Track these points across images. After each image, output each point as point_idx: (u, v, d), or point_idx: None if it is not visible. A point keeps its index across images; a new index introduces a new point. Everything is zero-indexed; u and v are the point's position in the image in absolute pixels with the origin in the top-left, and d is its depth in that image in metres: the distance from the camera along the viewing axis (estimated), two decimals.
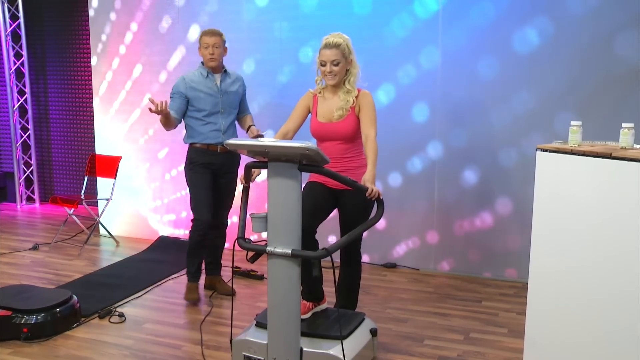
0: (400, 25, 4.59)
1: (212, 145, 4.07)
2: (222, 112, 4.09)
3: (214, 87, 4.07)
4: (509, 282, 4.49)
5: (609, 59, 4.10)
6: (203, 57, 4.06)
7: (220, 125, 4.08)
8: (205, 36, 4.03)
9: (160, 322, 3.82)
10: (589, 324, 2.49)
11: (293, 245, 2.68)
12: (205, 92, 4.04)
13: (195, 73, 4.11)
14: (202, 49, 4.05)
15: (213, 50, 4.00)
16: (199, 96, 4.04)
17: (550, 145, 2.64)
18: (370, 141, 3.09)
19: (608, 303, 2.41)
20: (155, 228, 5.73)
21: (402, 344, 3.50)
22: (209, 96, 4.05)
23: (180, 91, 4.05)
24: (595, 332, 2.47)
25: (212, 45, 4.00)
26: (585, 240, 2.47)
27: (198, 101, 4.04)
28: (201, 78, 4.07)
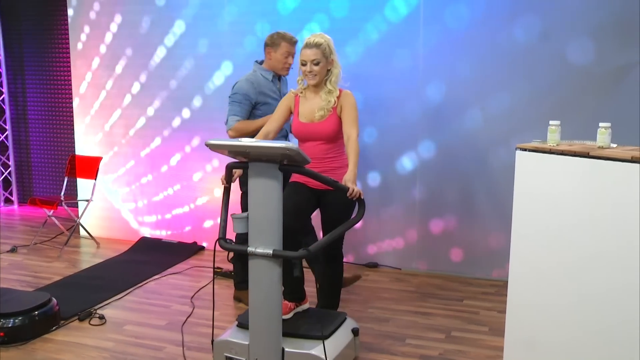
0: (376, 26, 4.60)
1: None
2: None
3: (277, 91, 3.93)
4: (490, 281, 4.52)
5: (587, 59, 4.15)
6: (277, 63, 3.88)
7: (285, 131, 3.92)
8: (289, 44, 3.85)
9: (142, 323, 3.79)
10: (568, 321, 2.51)
11: (274, 245, 2.67)
12: (272, 96, 3.88)
13: (257, 75, 3.90)
14: (279, 53, 3.85)
15: (292, 61, 3.88)
16: (267, 101, 3.85)
17: (530, 145, 2.66)
18: (352, 141, 3.10)
19: (587, 301, 2.43)
20: (136, 229, 5.69)
21: (384, 343, 3.51)
22: (275, 101, 3.83)
23: (249, 96, 3.82)
24: (574, 330, 2.49)
25: (292, 55, 3.87)
26: (564, 238, 2.50)
27: (266, 107, 3.83)
28: (266, 81, 3.89)
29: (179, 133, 5.38)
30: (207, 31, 5.12)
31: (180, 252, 5.25)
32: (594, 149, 2.45)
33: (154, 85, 5.40)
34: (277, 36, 3.85)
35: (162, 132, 5.45)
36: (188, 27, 5.18)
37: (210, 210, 5.36)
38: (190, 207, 5.46)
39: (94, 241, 5.62)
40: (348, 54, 4.62)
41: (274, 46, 3.86)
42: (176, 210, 5.52)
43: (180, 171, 5.44)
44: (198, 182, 5.39)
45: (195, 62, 5.21)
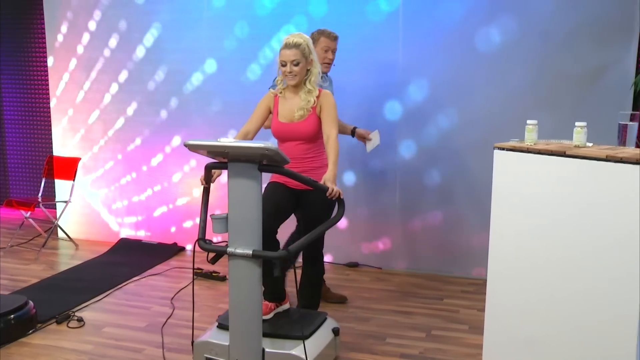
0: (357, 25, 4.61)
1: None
2: None
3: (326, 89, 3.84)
4: (470, 280, 4.55)
5: (564, 59, 4.20)
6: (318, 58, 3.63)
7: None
8: (328, 39, 3.78)
9: (121, 325, 3.76)
10: (546, 319, 2.54)
11: (254, 245, 2.67)
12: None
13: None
14: (319, 49, 3.75)
15: (332, 56, 3.79)
16: None
17: (507, 144, 2.68)
18: (332, 141, 3.10)
19: (565, 298, 2.46)
20: (115, 230, 5.64)
21: (364, 342, 3.52)
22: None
23: None
24: (552, 327, 2.52)
25: (332, 50, 3.79)
26: (542, 236, 2.52)
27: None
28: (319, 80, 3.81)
29: (158, 133, 5.35)
30: (186, 31, 5.10)
31: (161, 253, 5.22)
32: (571, 148, 2.48)
33: (133, 85, 5.36)
34: (317, 33, 3.80)
35: (141, 133, 5.41)
36: (167, 27, 5.15)
37: (190, 210, 5.33)
38: (170, 207, 5.43)
39: (73, 243, 5.56)
40: None
41: (314, 42, 3.74)
42: (156, 211, 5.48)
43: (159, 172, 5.41)
44: (178, 183, 5.36)
45: (175, 62, 5.18)
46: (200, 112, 5.16)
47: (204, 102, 5.14)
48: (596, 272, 2.34)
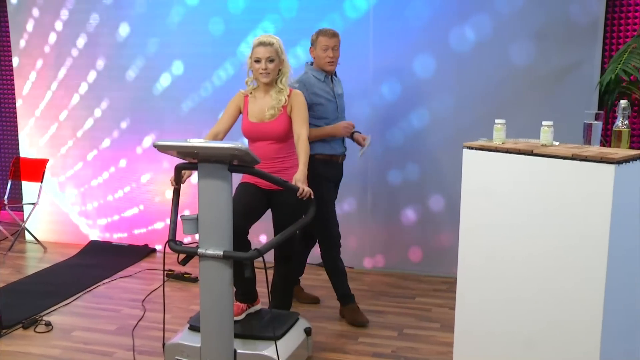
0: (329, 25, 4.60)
1: (335, 156, 3.76)
2: (339, 118, 3.75)
3: (330, 91, 3.71)
4: (442, 278, 4.58)
5: (532, 60, 4.26)
6: (318, 59, 3.67)
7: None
8: (325, 37, 3.64)
9: (90, 329, 3.71)
10: (515, 316, 2.57)
11: (225, 246, 2.65)
12: (325, 97, 3.67)
13: (309, 76, 3.67)
14: (318, 49, 3.65)
15: (333, 54, 3.65)
16: (320, 102, 3.64)
17: (476, 143, 2.71)
18: (302, 141, 3.10)
19: (533, 295, 2.49)
20: (85, 232, 5.56)
21: (337, 342, 3.53)
22: (329, 102, 3.68)
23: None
24: (520, 325, 2.55)
25: (332, 48, 3.64)
26: (510, 234, 2.55)
27: (320, 108, 3.64)
28: (318, 82, 3.67)
29: (128, 134, 5.28)
30: (156, 31, 5.05)
31: (131, 254, 5.16)
32: (538, 147, 2.52)
33: (102, 85, 5.29)
34: (316, 33, 3.70)
35: (111, 134, 5.34)
36: (137, 26, 5.10)
37: (161, 211, 5.28)
38: (141, 209, 5.37)
39: (41, 246, 5.46)
40: (299, 54, 4.62)
41: (314, 44, 3.70)
42: (127, 212, 5.42)
43: (130, 173, 5.34)
44: (148, 184, 5.30)
45: (145, 62, 5.13)
46: (172, 112, 5.12)
47: (176, 102, 5.09)
48: (562, 269, 2.38)
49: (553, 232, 2.40)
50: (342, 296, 3.83)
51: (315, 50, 3.68)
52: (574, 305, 2.35)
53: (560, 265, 2.39)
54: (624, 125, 2.51)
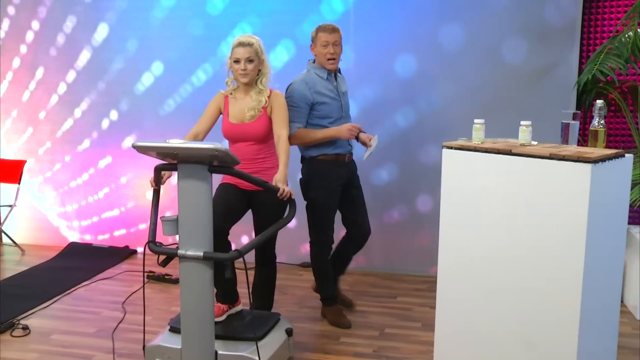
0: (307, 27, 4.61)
1: (340, 155, 3.63)
2: (344, 116, 3.65)
3: (334, 89, 3.59)
4: (423, 277, 4.60)
5: (512, 60, 4.30)
6: (319, 56, 3.54)
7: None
8: (325, 33, 3.49)
9: (69, 332, 3.67)
10: (494, 315, 2.59)
11: (205, 247, 2.64)
12: (329, 96, 3.55)
13: (311, 75, 3.57)
14: (318, 46, 3.52)
15: (334, 50, 3.51)
16: (324, 101, 3.52)
17: (455, 143, 2.73)
18: (282, 141, 3.10)
19: (512, 294, 2.51)
20: (65, 234, 5.50)
21: (318, 342, 3.53)
22: (333, 100, 3.56)
23: (306, 98, 3.48)
24: (499, 323, 2.57)
25: (332, 44, 3.49)
26: (489, 233, 2.57)
27: (323, 107, 3.52)
28: (321, 80, 3.55)
29: (108, 135, 5.24)
30: (136, 31, 5.01)
31: (112, 256, 5.12)
32: (516, 147, 2.54)
33: (81, 85, 5.23)
34: (315, 30, 3.56)
35: (90, 134, 5.29)
36: (116, 26, 5.05)
37: (142, 213, 5.24)
38: (121, 210, 5.33)
39: (19, 248, 5.38)
40: (279, 54, 4.62)
41: (314, 41, 3.57)
42: (106, 213, 5.37)
43: (110, 174, 5.30)
44: (129, 185, 5.26)
45: (125, 62, 5.08)
46: (152, 113, 5.08)
47: (156, 103, 5.06)
48: (541, 267, 2.40)
49: (531, 230, 2.42)
50: (327, 298, 3.82)
51: (315, 47, 3.56)
52: (552, 302, 2.38)
53: (538, 263, 2.41)
54: (600, 125, 2.54)
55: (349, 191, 3.72)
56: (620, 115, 4.29)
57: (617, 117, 4.35)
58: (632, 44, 3.69)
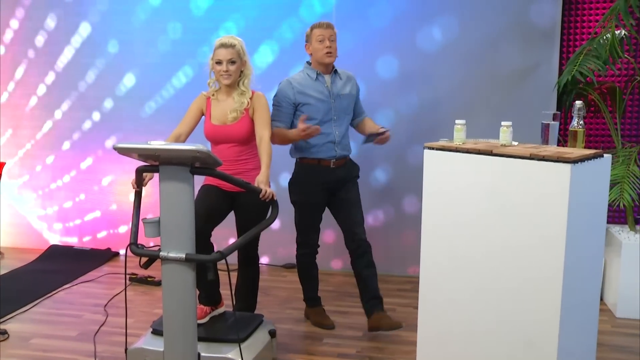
0: (290, 27, 4.62)
1: (324, 160, 3.51)
2: (335, 119, 3.52)
3: (324, 90, 3.48)
4: (406, 278, 4.62)
5: (493, 61, 4.34)
6: (315, 52, 3.43)
7: (333, 136, 3.50)
8: (320, 28, 3.41)
9: (50, 336, 3.63)
10: (476, 314, 2.61)
11: (187, 249, 2.63)
12: (315, 97, 3.46)
13: (302, 75, 3.52)
14: (314, 42, 3.43)
15: (330, 44, 3.41)
16: (307, 102, 3.45)
17: (437, 144, 2.74)
18: (265, 143, 3.10)
19: (493, 293, 2.53)
20: (45, 237, 5.45)
21: (301, 343, 3.53)
22: (319, 102, 3.46)
23: (288, 98, 3.45)
24: (481, 322, 2.59)
25: (328, 38, 3.41)
26: (471, 232, 2.59)
27: (308, 108, 3.45)
28: (309, 81, 3.48)
29: (89, 136, 5.19)
30: (117, 30, 4.97)
31: (93, 259, 5.07)
32: (497, 147, 2.56)
33: (62, 87, 5.18)
34: (310, 28, 3.48)
35: (71, 136, 5.24)
36: (97, 25, 5.01)
37: (124, 215, 5.20)
38: (103, 212, 5.28)
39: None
40: (263, 54, 4.62)
41: (308, 39, 3.49)
42: (88, 216, 5.33)
43: (92, 175, 5.25)
44: (111, 187, 5.22)
45: (106, 62, 5.04)
46: (135, 114, 5.05)
47: (138, 104, 5.02)
48: (522, 266, 2.42)
49: (512, 230, 2.44)
50: (310, 299, 3.83)
51: (310, 45, 3.48)
52: (532, 300, 2.40)
53: (519, 262, 2.43)
54: (579, 125, 2.57)
55: (338, 197, 3.61)
56: (600, 116, 4.35)
57: (597, 118, 4.40)
58: (610, 45, 3.74)
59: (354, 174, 3.68)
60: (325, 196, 3.59)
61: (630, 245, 3.82)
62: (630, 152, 3.99)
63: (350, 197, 3.61)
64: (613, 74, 4.29)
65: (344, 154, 3.58)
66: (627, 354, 3.40)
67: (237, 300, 3.41)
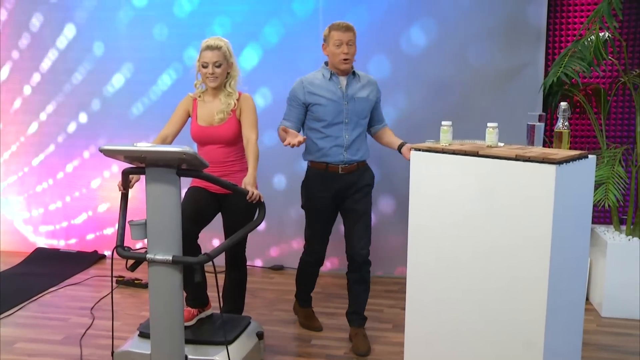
0: (275, 29, 4.62)
1: (331, 165, 3.34)
2: (347, 122, 3.34)
3: (337, 91, 3.32)
4: (394, 279, 4.63)
5: (480, 62, 4.36)
6: (332, 56, 3.30)
7: (342, 139, 3.33)
8: (338, 31, 3.26)
9: (35, 340, 3.60)
10: (463, 314, 2.62)
11: (174, 251, 2.61)
12: (327, 97, 3.31)
13: (317, 74, 3.38)
14: (331, 45, 3.28)
15: (348, 49, 3.26)
16: (318, 102, 3.31)
17: (423, 145, 2.75)
18: (252, 144, 3.10)
19: (481, 293, 2.54)
20: (32, 240, 5.40)
21: (289, 345, 3.52)
22: (331, 102, 3.30)
23: (297, 97, 3.34)
24: (468, 323, 2.60)
25: (346, 43, 3.26)
26: (457, 233, 2.60)
27: (317, 109, 3.31)
28: (323, 81, 3.34)
29: (76, 138, 5.15)
30: (103, 33, 4.94)
31: (80, 261, 5.04)
32: (483, 148, 2.58)
33: (47, 88, 5.13)
34: (328, 28, 3.33)
35: (57, 138, 5.21)
36: (83, 28, 4.97)
37: (111, 217, 5.17)
38: (90, 214, 5.25)
39: None
40: (249, 57, 4.61)
41: (326, 40, 3.33)
42: (75, 218, 5.29)
43: (78, 178, 5.22)
44: (97, 189, 5.19)
45: (93, 64, 5.01)
46: (121, 115, 5.02)
47: (125, 106, 4.99)
48: (508, 266, 2.44)
49: (498, 230, 2.46)
50: (302, 301, 3.82)
51: (327, 46, 3.32)
52: (518, 300, 2.41)
53: (505, 262, 2.45)
54: (564, 126, 2.59)
55: (346, 206, 3.45)
56: (586, 117, 4.38)
57: (583, 119, 4.44)
58: (594, 47, 3.77)
59: (365, 182, 3.46)
60: (332, 204, 3.43)
61: (616, 245, 3.86)
62: (615, 152, 4.02)
63: (358, 208, 3.42)
64: (598, 76, 4.33)
65: (354, 159, 3.38)
66: (613, 353, 3.43)
67: (224, 302, 3.40)
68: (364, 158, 3.45)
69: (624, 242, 3.89)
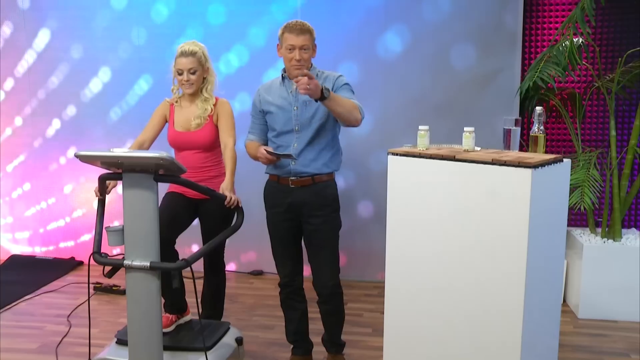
0: (256, 34, 4.61)
1: (282, 178, 3.03)
2: (297, 130, 2.98)
3: (288, 97, 2.99)
4: (373, 283, 4.64)
5: (456, 67, 4.39)
6: (284, 60, 2.96)
7: (291, 149, 2.98)
8: (291, 34, 2.88)
9: (9, 349, 3.54)
10: (441, 317, 2.63)
11: (151, 257, 2.60)
12: (276, 104, 2.99)
13: (276, 79, 3.07)
14: (283, 48, 2.93)
15: (301, 55, 2.89)
16: (269, 110, 3.01)
17: (400, 149, 2.76)
18: (229, 150, 3.09)
19: (459, 295, 2.56)
20: (6, 247, 5.32)
21: (268, 350, 3.51)
22: (280, 110, 2.99)
23: (255, 106, 3.08)
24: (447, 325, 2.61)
25: (299, 48, 2.89)
26: (434, 237, 2.61)
27: (269, 117, 3.02)
28: (277, 87, 3.04)
29: (52, 143, 5.10)
30: (80, 36, 4.90)
31: (56, 268, 4.98)
32: (460, 152, 2.59)
33: (21, 94, 5.08)
34: (282, 28, 2.96)
35: (32, 144, 5.14)
36: (58, 31, 4.93)
37: (88, 223, 5.12)
38: (67, 220, 5.19)
39: None
40: (229, 60, 4.60)
41: (280, 41, 2.97)
42: (51, 224, 5.22)
43: (54, 183, 5.16)
44: (74, 195, 5.13)
45: (68, 69, 4.96)
46: (98, 120, 4.97)
47: (102, 111, 4.95)
48: (486, 269, 2.45)
49: (475, 233, 2.47)
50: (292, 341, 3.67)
51: (281, 49, 2.97)
52: (496, 302, 2.43)
53: (482, 265, 2.46)
54: (540, 130, 2.62)
55: (306, 229, 3.10)
56: (561, 121, 4.44)
57: (558, 123, 4.49)
58: (569, 52, 3.82)
59: (323, 202, 3.06)
60: (287, 221, 3.09)
61: (591, 247, 3.91)
62: (590, 156, 4.08)
63: (318, 237, 3.07)
64: (573, 81, 4.39)
65: (306, 171, 2.99)
66: (589, 354, 3.47)
67: (203, 308, 3.38)
68: (321, 171, 3.03)
69: (600, 245, 3.95)
